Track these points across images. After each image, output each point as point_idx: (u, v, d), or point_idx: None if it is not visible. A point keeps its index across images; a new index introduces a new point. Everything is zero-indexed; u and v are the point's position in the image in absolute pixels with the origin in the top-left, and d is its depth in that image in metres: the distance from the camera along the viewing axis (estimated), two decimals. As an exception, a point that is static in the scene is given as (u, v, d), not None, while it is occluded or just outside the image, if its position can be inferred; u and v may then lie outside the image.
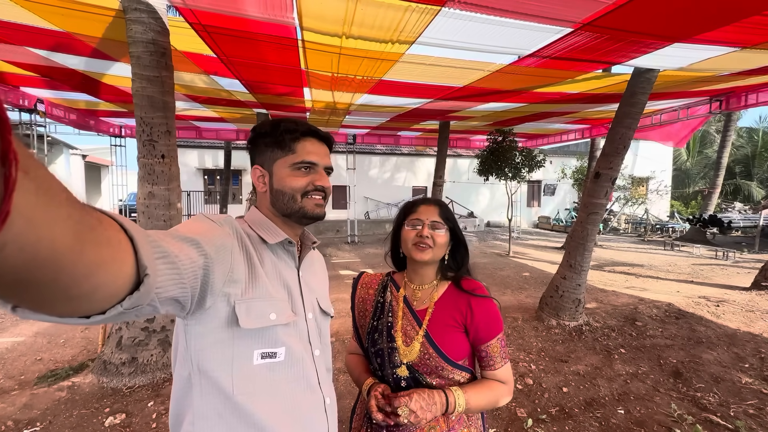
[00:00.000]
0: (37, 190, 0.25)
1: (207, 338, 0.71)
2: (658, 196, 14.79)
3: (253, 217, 0.87)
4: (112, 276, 0.36)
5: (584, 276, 4.32)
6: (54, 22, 3.10)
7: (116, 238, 0.37)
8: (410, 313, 1.07)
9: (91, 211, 0.33)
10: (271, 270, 0.81)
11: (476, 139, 11.06)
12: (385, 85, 4.67)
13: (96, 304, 0.38)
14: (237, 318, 0.71)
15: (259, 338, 0.75)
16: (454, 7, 2.36)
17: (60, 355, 3.62)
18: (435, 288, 1.09)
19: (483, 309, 1.04)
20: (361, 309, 1.17)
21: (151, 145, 2.83)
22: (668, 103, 6.41)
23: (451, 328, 1.03)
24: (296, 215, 0.85)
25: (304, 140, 0.86)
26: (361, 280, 1.21)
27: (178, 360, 0.75)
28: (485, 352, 1.03)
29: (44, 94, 6.19)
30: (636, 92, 3.86)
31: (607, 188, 4.12)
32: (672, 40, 2.85)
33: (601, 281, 6.58)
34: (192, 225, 0.67)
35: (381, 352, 1.06)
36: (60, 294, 0.32)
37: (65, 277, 0.30)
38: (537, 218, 16.84)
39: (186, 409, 0.73)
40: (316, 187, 0.85)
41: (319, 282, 0.97)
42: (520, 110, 6.51)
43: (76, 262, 0.30)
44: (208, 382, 0.71)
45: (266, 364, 0.75)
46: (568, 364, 3.42)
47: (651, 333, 4.16)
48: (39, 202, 0.25)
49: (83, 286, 0.33)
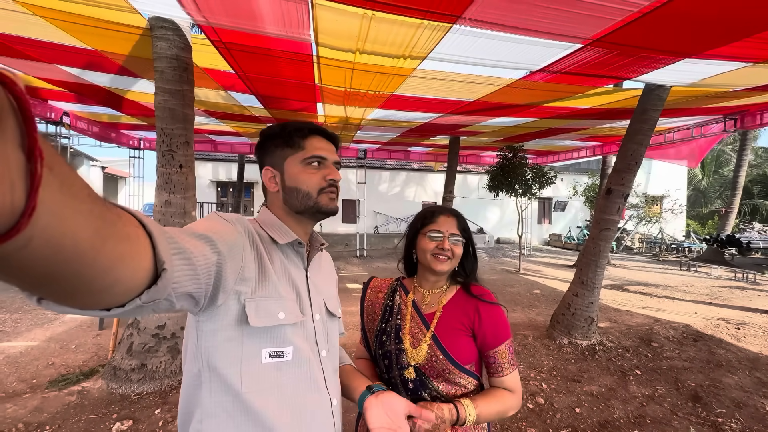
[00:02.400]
0: (61, 186, 0.26)
1: (217, 335, 0.72)
2: (673, 215, 14.50)
3: (264, 217, 0.89)
4: (131, 270, 0.37)
5: (597, 294, 4.23)
6: (84, 41, 3.29)
7: (135, 234, 0.38)
8: (418, 316, 1.08)
9: (112, 207, 0.35)
10: (280, 270, 0.82)
11: (486, 155, 11.10)
12: (397, 100, 4.77)
13: (116, 297, 0.39)
14: (246, 316, 0.72)
15: (268, 337, 0.75)
16: (464, 24, 2.43)
17: (72, 360, 3.67)
18: (444, 292, 1.10)
19: (491, 314, 1.04)
20: (369, 312, 1.18)
21: (170, 155, 2.93)
22: (681, 121, 6.37)
23: (458, 332, 1.04)
24: (311, 211, 0.86)
25: (312, 137, 0.87)
26: (371, 284, 1.22)
27: (188, 357, 0.75)
28: (493, 358, 1.03)
29: (70, 108, 6.48)
30: (647, 109, 3.86)
31: (619, 204, 4.08)
32: (682, 55, 2.87)
33: (615, 300, 6.42)
34: (206, 223, 0.68)
35: (389, 354, 1.06)
36: (82, 287, 0.33)
37: (87, 271, 0.31)
38: (548, 236, 16.61)
39: (195, 406, 0.73)
40: (330, 182, 0.86)
41: (326, 283, 0.97)
42: (530, 126, 6.54)
43: (98, 256, 0.31)
44: (218, 379, 0.72)
45: (274, 363, 0.75)
46: (581, 384, 3.32)
47: (668, 354, 4.02)
48: (63, 198, 0.26)
49: (104, 280, 0.34)
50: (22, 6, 2.68)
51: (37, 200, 0.23)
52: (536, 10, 2.20)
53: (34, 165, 0.23)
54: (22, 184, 0.22)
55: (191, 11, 2.55)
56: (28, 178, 0.23)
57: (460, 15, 2.32)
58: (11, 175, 0.22)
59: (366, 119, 6.16)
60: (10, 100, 0.22)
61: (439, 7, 2.24)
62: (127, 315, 0.43)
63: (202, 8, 2.49)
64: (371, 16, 2.42)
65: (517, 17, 2.31)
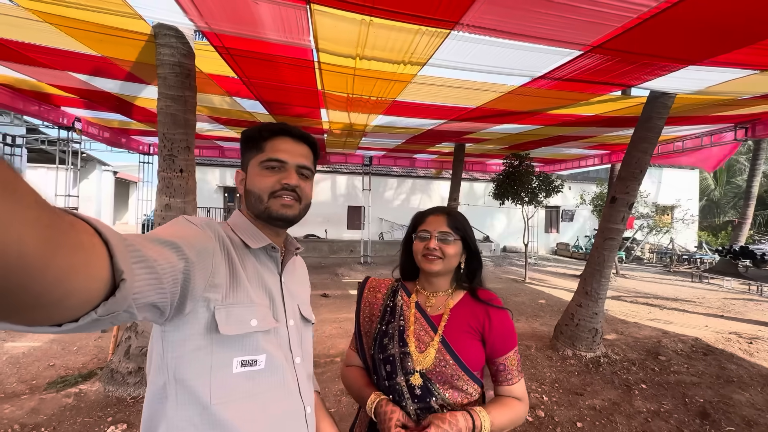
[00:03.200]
0: (2, 191, 0.24)
1: (185, 345, 0.69)
2: (684, 225, 14.21)
3: (236, 220, 0.86)
4: (85, 281, 0.35)
5: (601, 304, 4.14)
6: (92, 47, 3.37)
7: (90, 242, 0.36)
8: (423, 317, 1.03)
9: (63, 215, 0.32)
10: (253, 275, 0.79)
11: (492, 163, 11.04)
12: (399, 106, 4.78)
13: (68, 312, 0.36)
14: (216, 324, 0.69)
15: (239, 345, 0.72)
16: (463, 30, 2.43)
17: (72, 362, 3.69)
18: (450, 296, 1.06)
19: (501, 319, 1.01)
20: (367, 314, 1.11)
21: (171, 159, 2.96)
22: (690, 129, 6.26)
23: (468, 335, 0.99)
24: (263, 216, 0.83)
25: (275, 138, 0.84)
26: (368, 284, 1.16)
27: (153, 368, 0.72)
28: (503, 366, 0.99)
29: (82, 113, 6.64)
30: (652, 116, 3.80)
31: (623, 213, 4.00)
32: (686, 62, 2.83)
33: (622, 312, 6.27)
34: (172, 228, 0.66)
35: (392, 358, 0.99)
36: (29, 301, 0.30)
37: (35, 284, 0.29)
38: (555, 245, 16.40)
39: (159, 420, 0.70)
40: (284, 186, 0.81)
41: (300, 288, 0.95)
42: (535, 133, 6.50)
43: (47, 268, 0.29)
44: (185, 391, 0.69)
45: (246, 373, 0.72)
46: (584, 398, 3.22)
47: (676, 369, 3.89)
48: (4, 205, 0.24)
49: (55, 293, 0.32)
50: (32, 14, 2.76)
51: None
52: (534, 15, 2.19)
53: None
54: None
55: (194, 17, 2.60)
56: None
57: (458, 21, 2.32)
58: None
59: (370, 126, 6.18)
60: None
61: (436, 13, 2.24)
62: (82, 330, 0.41)
63: (204, 14, 2.54)
64: (369, 22, 2.44)
65: (514, 23, 2.30)
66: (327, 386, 3.29)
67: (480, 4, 2.11)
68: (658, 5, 2.03)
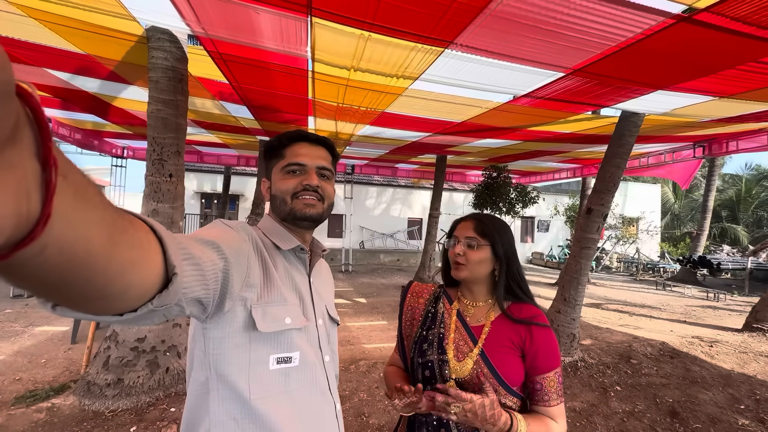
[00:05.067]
0: (74, 193, 0.26)
1: (225, 342, 0.72)
2: (648, 236, 15.05)
3: (266, 224, 0.90)
4: (142, 275, 0.38)
5: (578, 310, 4.34)
6: (76, 44, 3.27)
7: (146, 239, 0.39)
8: (464, 327, 1.01)
9: (123, 214, 0.35)
10: (284, 275, 0.83)
11: (472, 174, 11.36)
12: (387, 118, 4.89)
13: (128, 303, 0.39)
14: (254, 322, 0.72)
15: (275, 343, 0.76)
16: (455, 50, 2.57)
17: (41, 375, 3.48)
18: (492, 308, 1.03)
19: (544, 336, 0.97)
20: (408, 318, 1.12)
21: (161, 164, 2.91)
22: (655, 147, 6.75)
23: (508, 350, 0.96)
24: (289, 217, 0.87)
25: (293, 144, 0.89)
26: (411, 289, 1.16)
27: (195, 365, 0.75)
28: (540, 385, 0.94)
29: (53, 114, 6.34)
30: (624, 134, 4.09)
31: (598, 223, 4.25)
32: (655, 87, 3.10)
33: (595, 318, 6.56)
34: (211, 230, 0.69)
35: (430, 364, 0.98)
36: (95, 293, 0.33)
37: (100, 277, 0.31)
38: (530, 254, 16.93)
39: (202, 415, 0.72)
40: (305, 187, 0.86)
41: (326, 289, 0.99)
42: (514, 147, 6.78)
43: (110, 262, 0.32)
44: (226, 386, 0.71)
45: (282, 369, 0.76)
46: (564, 400, 3.36)
47: (646, 371, 4.13)
48: (76, 205, 0.26)
49: (116, 285, 0.34)
50: (17, 8, 2.66)
51: (52, 208, 0.23)
52: (523, 40, 2.36)
53: (48, 174, 0.23)
54: (37, 193, 0.23)
55: (190, 22, 2.60)
56: (43, 187, 0.23)
57: (452, 40, 2.45)
58: (27, 184, 0.22)
59: (356, 135, 6.26)
60: (27, 112, 0.22)
61: (433, 32, 2.36)
62: (139, 320, 0.44)
63: (202, 20, 2.54)
64: (368, 37, 2.52)
65: (505, 45, 2.46)
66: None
67: (475, 27, 2.24)
68: (634, 36, 2.24)
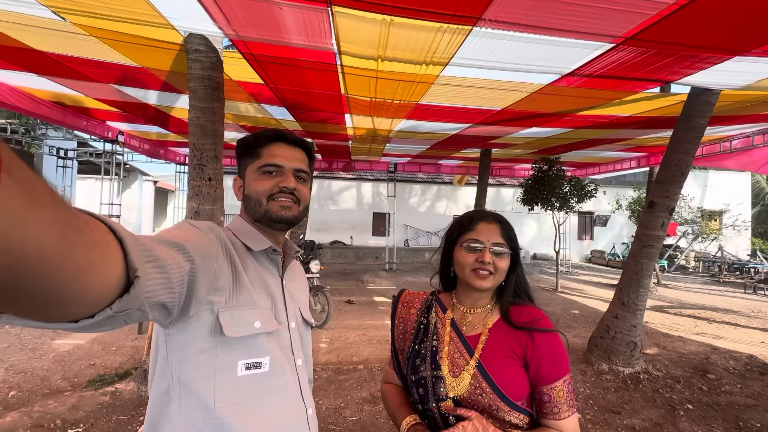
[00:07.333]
0: (21, 191, 0.25)
1: (189, 348, 0.69)
2: (735, 231, 13.14)
3: (236, 225, 0.88)
4: (101, 278, 0.36)
5: (640, 316, 3.87)
6: (132, 57, 3.58)
7: (105, 241, 0.37)
8: (459, 338, 0.92)
9: (79, 214, 0.33)
10: (255, 278, 0.80)
11: (520, 167, 10.74)
12: (423, 110, 4.75)
13: (85, 308, 0.37)
14: (221, 326, 0.69)
15: (243, 348, 0.73)
16: (485, 26, 2.37)
17: (110, 361, 3.89)
18: (489, 313, 0.94)
19: (547, 342, 0.88)
20: (401, 331, 1.03)
21: (200, 168, 3.08)
22: (739, 129, 5.80)
23: (508, 360, 0.88)
24: (263, 219, 0.84)
25: (271, 144, 0.86)
26: (402, 298, 1.07)
27: (157, 372, 0.73)
28: (548, 396, 0.86)
29: (124, 127, 7.09)
30: (693, 115, 3.55)
31: (663, 219, 3.74)
32: (731, 53, 2.60)
33: (665, 324, 5.84)
34: (177, 231, 0.67)
35: (423, 381, 0.90)
36: (47, 298, 0.31)
37: (53, 281, 0.30)
38: (590, 252, 15.66)
39: (163, 425, 0.70)
40: (281, 189, 0.83)
41: (300, 291, 0.95)
42: (565, 136, 6.25)
43: (64, 265, 0.30)
44: (189, 394, 0.69)
45: (250, 376, 0.73)
46: (621, 417, 3.00)
47: (727, 389, 3.56)
48: (24, 204, 0.25)
49: (71, 290, 0.33)
50: (80, 28, 2.97)
51: None
52: (559, 6, 2.09)
53: None
54: None
55: (222, 25, 2.70)
56: None
57: (480, 16, 2.26)
58: None
59: (394, 131, 6.19)
60: None
61: (457, 9, 2.20)
62: (97, 327, 0.41)
63: (232, 21, 2.63)
64: (390, 22, 2.43)
65: (539, 16, 2.21)
66: (349, 394, 3.26)
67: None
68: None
